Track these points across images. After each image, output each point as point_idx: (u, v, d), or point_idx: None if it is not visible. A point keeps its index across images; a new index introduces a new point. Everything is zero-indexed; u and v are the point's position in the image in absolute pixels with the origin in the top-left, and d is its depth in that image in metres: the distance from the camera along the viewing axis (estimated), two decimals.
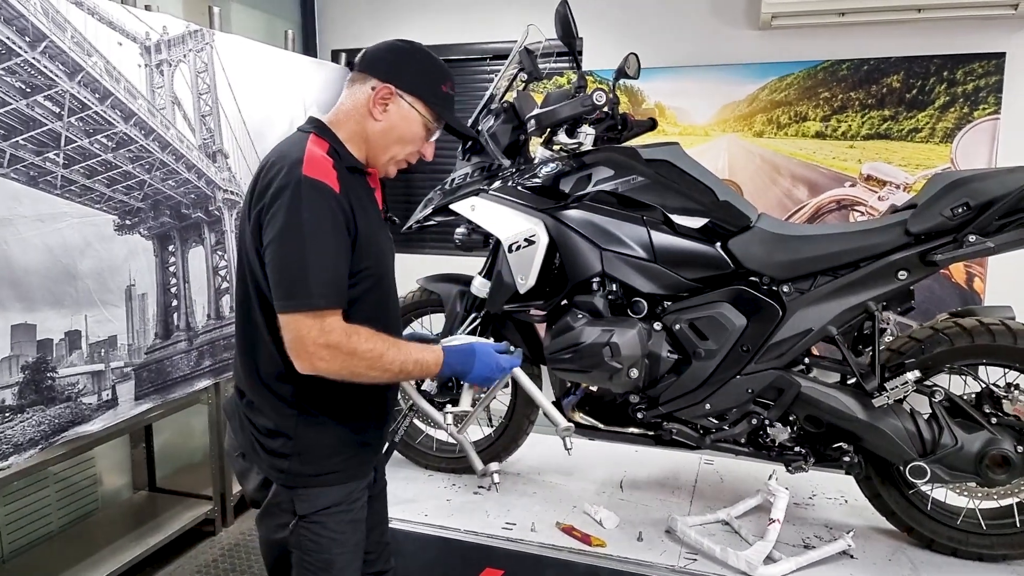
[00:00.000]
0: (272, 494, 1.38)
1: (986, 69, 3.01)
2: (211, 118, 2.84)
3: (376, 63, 1.40)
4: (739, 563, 1.85)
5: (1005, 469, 1.80)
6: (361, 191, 1.39)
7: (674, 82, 3.36)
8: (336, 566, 1.38)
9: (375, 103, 1.38)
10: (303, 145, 1.32)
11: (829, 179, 3.23)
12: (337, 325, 1.29)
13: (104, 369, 2.42)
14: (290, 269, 1.26)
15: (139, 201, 2.53)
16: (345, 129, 1.40)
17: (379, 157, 1.43)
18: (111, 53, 2.40)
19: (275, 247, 1.27)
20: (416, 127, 1.42)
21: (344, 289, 1.31)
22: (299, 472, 1.36)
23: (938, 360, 1.87)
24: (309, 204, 1.25)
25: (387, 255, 1.46)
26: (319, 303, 1.26)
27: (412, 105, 1.40)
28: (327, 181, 1.28)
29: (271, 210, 1.27)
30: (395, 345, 1.37)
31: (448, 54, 3.78)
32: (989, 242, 1.73)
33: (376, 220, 1.42)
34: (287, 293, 1.26)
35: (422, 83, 1.41)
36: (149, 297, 2.58)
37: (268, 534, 1.42)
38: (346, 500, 1.40)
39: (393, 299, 1.51)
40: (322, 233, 1.26)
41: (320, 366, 1.28)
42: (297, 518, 1.37)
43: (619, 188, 1.99)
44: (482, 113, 2.16)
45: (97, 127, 2.37)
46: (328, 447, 1.38)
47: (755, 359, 1.93)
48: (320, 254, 1.26)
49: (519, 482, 2.39)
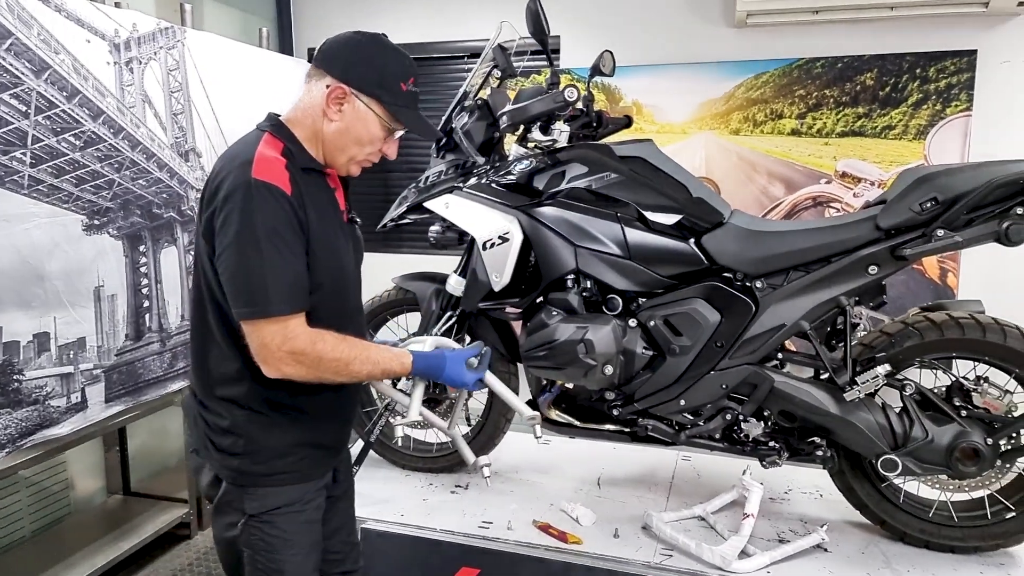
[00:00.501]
0: (222, 492, 1.37)
1: (958, 66, 3.05)
2: (183, 116, 2.80)
3: (331, 59, 1.36)
4: (714, 558, 1.86)
5: (975, 461, 1.82)
6: (318, 192, 1.37)
7: (651, 80, 3.37)
8: (288, 567, 1.36)
9: (329, 103, 1.34)
10: (255, 146, 1.29)
11: (805, 176, 3.25)
12: (301, 330, 1.28)
13: (73, 371, 2.37)
14: (247, 277, 1.24)
15: (108, 201, 2.49)
16: (302, 128, 1.37)
17: (336, 158, 1.40)
18: (79, 51, 2.36)
19: (230, 254, 1.24)
20: (373, 128, 1.38)
21: (305, 291, 1.30)
22: (249, 471, 1.35)
23: (909, 354, 1.88)
24: (261, 208, 1.23)
25: (345, 257, 1.43)
26: (280, 309, 1.25)
27: (368, 106, 1.36)
28: (278, 183, 1.25)
29: (222, 215, 1.25)
30: (363, 352, 1.36)
31: (425, 52, 3.76)
32: (957, 236, 1.75)
33: (334, 221, 1.40)
34: (246, 301, 1.25)
35: (378, 82, 1.36)
36: (119, 298, 2.54)
37: (220, 532, 1.40)
38: (299, 501, 1.39)
39: (353, 301, 1.49)
40: (277, 237, 1.24)
41: (287, 371, 1.28)
42: (247, 517, 1.35)
43: (593, 185, 1.98)
44: (455, 110, 2.15)
45: (65, 125, 2.32)
46: (279, 447, 1.37)
47: (729, 355, 1.94)
48: (276, 259, 1.24)
49: (497, 480, 2.38)
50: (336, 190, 1.45)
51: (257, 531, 1.35)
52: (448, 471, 2.41)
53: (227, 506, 1.38)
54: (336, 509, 1.61)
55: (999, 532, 1.91)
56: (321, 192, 1.38)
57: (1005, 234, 1.72)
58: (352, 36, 1.39)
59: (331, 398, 1.42)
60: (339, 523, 1.63)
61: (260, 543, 1.35)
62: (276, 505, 1.36)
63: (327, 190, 1.41)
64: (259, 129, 1.37)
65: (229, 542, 1.39)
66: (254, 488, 1.35)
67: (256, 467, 1.35)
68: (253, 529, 1.35)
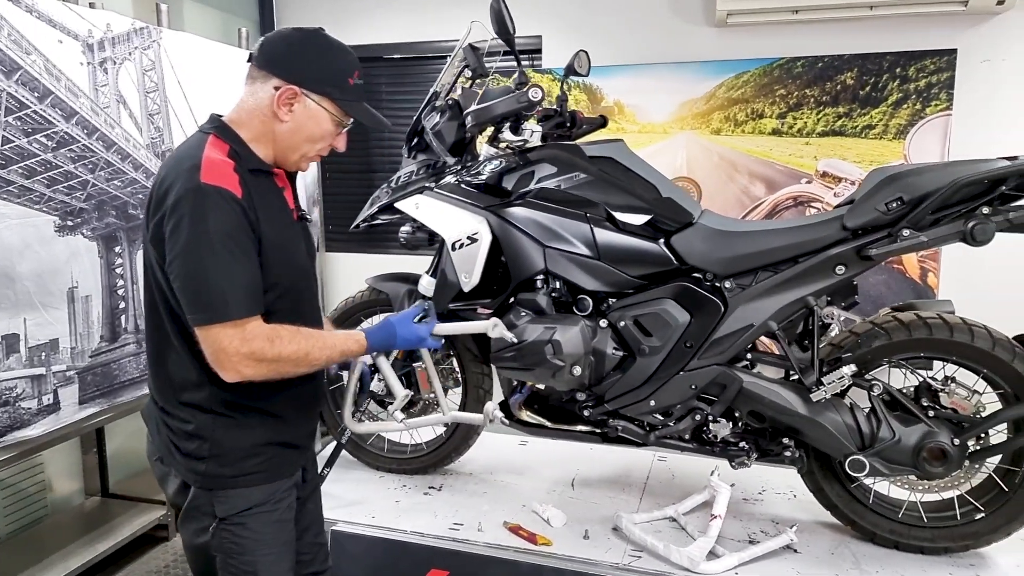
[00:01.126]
0: (191, 497, 1.36)
1: (938, 66, 3.04)
2: (159, 116, 2.79)
3: (276, 60, 1.35)
4: (681, 559, 1.85)
5: (942, 462, 1.81)
6: (267, 192, 1.36)
7: (633, 80, 3.36)
8: (261, 568, 1.36)
9: (279, 104, 1.33)
10: (201, 149, 1.28)
11: (786, 176, 3.25)
12: (258, 332, 1.28)
13: (45, 373, 2.37)
14: (201, 283, 1.23)
15: (82, 201, 2.48)
16: (249, 129, 1.36)
17: (288, 156, 1.40)
18: (51, 51, 2.35)
19: (182, 261, 1.23)
20: (325, 125, 1.39)
21: (259, 294, 1.30)
22: (217, 474, 1.34)
23: (877, 354, 1.88)
24: (212, 213, 1.22)
25: (299, 256, 1.43)
26: (238, 313, 1.25)
27: (319, 104, 1.36)
28: (228, 187, 1.25)
29: (172, 221, 1.24)
30: (319, 340, 1.37)
31: (409, 52, 3.75)
32: (922, 236, 1.74)
33: (285, 222, 1.39)
34: (202, 307, 1.24)
35: (328, 79, 1.36)
36: (94, 299, 2.53)
37: (190, 539, 1.39)
38: (269, 500, 1.38)
39: (309, 301, 1.48)
40: (230, 241, 1.23)
41: (247, 373, 1.28)
42: (217, 520, 1.35)
43: (562, 185, 1.98)
44: (425, 110, 2.14)
45: (36, 126, 2.32)
46: (246, 448, 1.36)
47: (698, 355, 1.93)
48: (231, 263, 1.23)
49: (470, 482, 2.37)
50: (284, 189, 1.44)
51: (228, 534, 1.35)
52: (422, 472, 2.41)
53: (196, 511, 1.37)
54: (304, 510, 1.61)
55: (969, 533, 1.91)
56: (270, 192, 1.37)
57: (970, 234, 1.71)
58: (292, 33, 1.39)
59: (294, 395, 1.42)
60: (307, 523, 1.62)
61: (233, 546, 1.35)
62: (247, 506, 1.35)
63: (275, 190, 1.40)
64: (202, 131, 1.36)
65: (199, 548, 1.38)
66: (223, 491, 1.35)
67: (224, 469, 1.34)
68: (224, 532, 1.35)
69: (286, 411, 1.42)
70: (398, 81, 3.83)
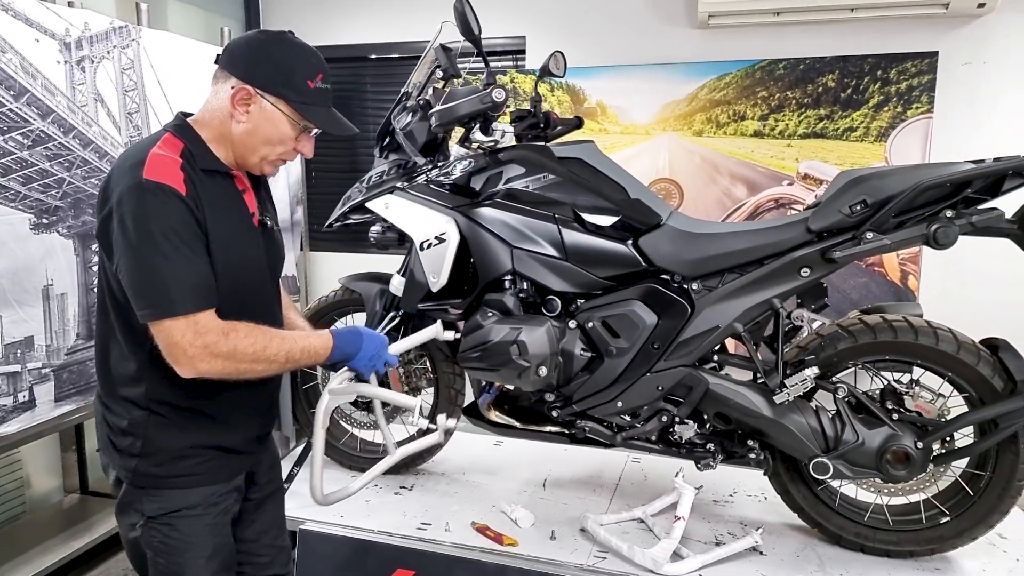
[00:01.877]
0: (123, 492, 1.37)
1: (919, 68, 3.04)
2: (138, 115, 2.80)
3: (235, 60, 1.35)
4: (645, 560, 1.85)
5: (905, 465, 1.81)
6: (221, 194, 1.35)
7: (615, 81, 3.36)
8: (189, 570, 1.36)
9: (235, 104, 1.33)
10: (150, 147, 1.28)
11: (767, 178, 3.25)
12: (211, 325, 1.27)
13: (20, 370, 2.37)
14: (148, 278, 1.23)
15: (57, 199, 2.49)
16: (209, 129, 1.36)
17: (247, 158, 1.39)
18: (27, 50, 2.36)
19: (128, 258, 1.23)
20: (283, 127, 1.36)
21: (210, 288, 1.29)
22: (147, 472, 1.34)
23: (842, 357, 1.88)
24: (154, 209, 1.22)
25: (251, 260, 1.41)
26: (186, 307, 1.24)
27: (275, 105, 1.35)
28: (170, 183, 1.24)
29: (116, 218, 1.24)
30: (278, 335, 1.36)
31: (394, 52, 3.76)
32: (886, 239, 1.74)
33: (239, 223, 1.38)
34: (150, 302, 1.24)
35: (284, 81, 1.34)
36: (69, 297, 2.54)
37: (124, 532, 1.40)
38: (202, 504, 1.37)
39: (260, 305, 1.45)
40: (174, 236, 1.23)
41: (203, 367, 1.26)
42: (146, 519, 1.35)
43: (530, 186, 1.98)
44: (396, 110, 2.14)
45: (12, 124, 2.32)
46: (179, 449, 1.36)
47: (665, 356, 1.94)
48: (176, 257, 1.23)
49: (442, 482, 2.38)
50: (245, 192, 1.43)
51: (157, 533, 1.35)
52: (394, 472, 2.41)
53: (128, 507, 1.37)
54: (262, 510, 1.60)
55: (934, 536, 1.91)
56: (225, 194, 1.37)
57: (933, 237, 1.71)
58: (256, 35, 1.38)
59: (237, 398, 1.40)
60: (264, 526, 1.61)
61: (161, 545, 1.35)
62: (175, 508, 1.35)
63: (233, 192, 1.40)
64: (163, 128, 1.36)
65: (132, 542, 1.38)
66: (155, 490, 1.35)
67: (154, 468, 1.34)
68: (153, 531, 1.35)
69: (226, 414, 1.41)
70: (383, 81, 3.84)
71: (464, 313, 2.10)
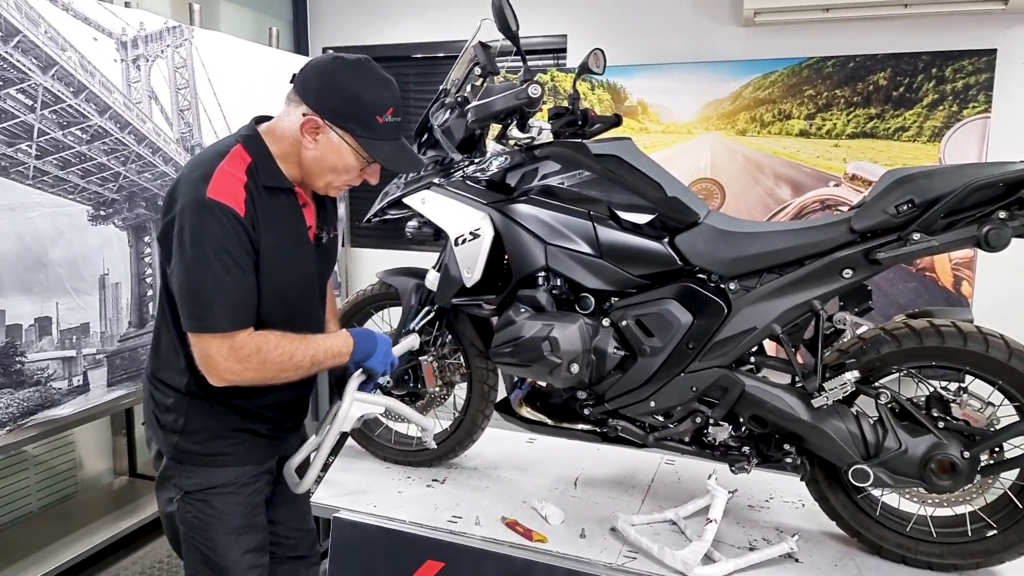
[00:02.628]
0: (163, 466, 1.43)
1: (976, 66, 2.93)
2: (189, 112, 2.90)
3: (308, 87, 1.36)
4: (675, 562, 1.83)
5: (951, 475, 1.74)
6: (280, 211, 1.39)
7: (657, 79, 3.33)
8: (221, 546, 1.41)
9: (304, 132, 1.36)
10: (219, 159, 1.32)
11: (813, 178, 3.17)
12: (246, 343, 1.32)
13: (76, 355, 2.48)
14: (195, 293, 1.28)
15: (114, 192, 2.60)
16: (279, 146, 1.39)
17: (314, 181, 1.43)
18: (86, 48, 2.47)
19: (180, 269, 1.29)
20: (348, 159, 1.39)
21: (252, 308, 1.34)
22: (186, 449, 1.41)
23: (885, 361, 1.82)
24: (212, 227, 1.26)
25: (301, 272, 1.45)
26: (225, 325, 1.29)
27: (342, 137, 1.36)
28: (230, 203, 1.28)
29: (176, 226, 1.29)
30: (303, 341, 1.39)
31: (437, 51, 3.80)
32: (934, 241, 1.68)
33: (294, 238, 1.42)
34: (194, 315, 1.30)
35: (352, 115, 1.35)
36: (123, 286, 2.65)
37: (162, 506, 1.46)
38: (235, 483, 1.43)
39: (300, 315, 1.49)
40: (225, 255, 1.27)
41: (231, 379, 1.32)
42: (183, 493, 1.41)
43: (565, 183, 1.98)
44: (434, 107, 2.17)
45: (71, 120, 2.43)
46: (215, 431, 1.42)
47: (700, 357, 1.91)
48: (225, 277, 1.28)
49: (474, 476, 2.39)
50: (305, 207, 1.47)
51: (192, 508, 1.40)
52: (427, 465, 2.43)
53: (167, 481, 1.44)
54: (287, 495, 1.65)
55: (979, 550, 1.83)
56: (284, 211, 1.40)
57: (984, 239, 1.64)
58: (330, 63, 1.38)
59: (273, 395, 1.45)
60: (292, 510, 1.67)
61: (195, 521, 1.40)
62: (211, 484, 1.41)
63: (292, 207, 1.43)
64: (236, 136, 1.40)
65: (169, 516, 1.44)
66: (192, 466, 1.41)
67: (193, 446, 1.40)
68: (188, 506, 1.40)
69: (259, 405, 1.47)
70: (426, 80, 3.88)
71: (497, 309, 2.11)
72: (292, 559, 1.66)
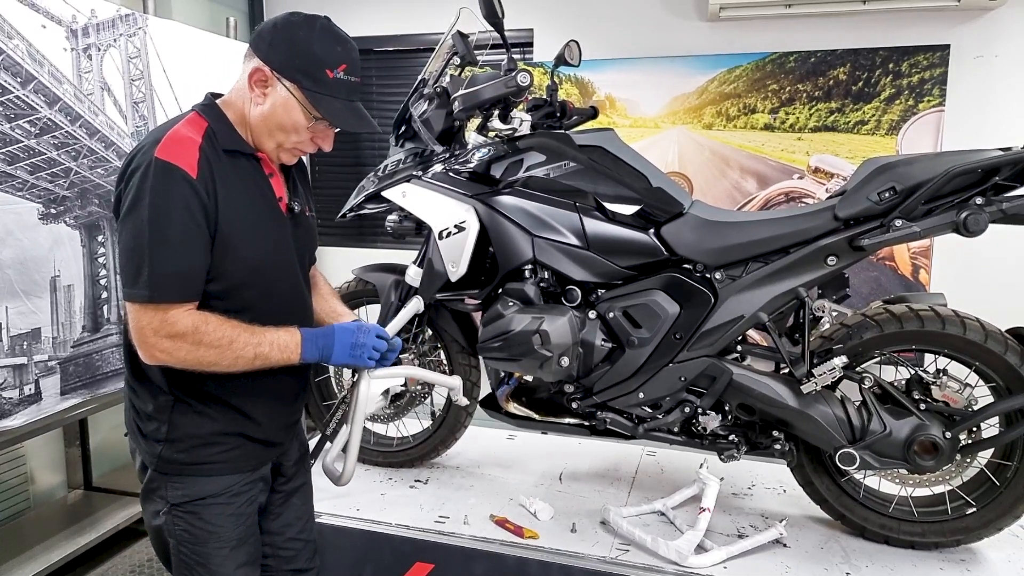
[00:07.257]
0: (147, 478, 1.34)
1: (931, 61, 3.03)
2: (144, 105, 2.76)
3: (260, 39, 1.30)
4: (669, 553, 1.83)
5: (933, 455, 1.79)
6: (243, 176, 1.31)
7: (624, 73, 3.34)
8: (213, 561, 1.32)
9: (252, 85, 1.29)
10: (172, 125, 1.25)
11: (778, 171, 3.23)
12: (182, 317, 1.22)
13: (26, 362, 2.33)
14: (132, 257, 1.19)
15: (65, 189, 2.45)
16: (234, 110, 1.33)
17: (263, 143, 1.34)
18: (34, 36, 2.31)
19: (121, 232, 1.21)
20: (295, 115, 1.29)
21: (194, 281, 1.23)
22: (172, 459, 1.31)
23: (868, 346, 1.86)
24: (155, 188, 1.18)
25: (274, 246, 1.36)
26: (160, 296, 1.19)
27: (289, 91, 1.28)
28: (181, 164, 1.20)
29: (126, 193, 1.21)
30: (248, 330, 1.28)
31: (400, 45, 3.73)
32: (915, 227, 1.72)
33: (263, 208, 1.34)
34: (128, 281, 1.21)
35: (301, 66, 1.27)
36: (76, 289, 2.50)
37: (148, 520, 1.37)
38: (226, 492, 1.34)
39: (285, 293, 1.40)
40: (165, 220, 1.18)
41: (161, 357, 1.22)
42: (169, 506, 1.31)
43: (551, 174, 1.95)
44: (413, 97, 2.11)
45: (19, 112, 2.28)
46: (204, 436, 1.32)
47: (687, 347, 1.91)
48: (162, 244, 1.18)
49: (457, 475, 2.34)
50: (272, 176, 1.38)
51: (181, 521, 1.31)
52: (408, 465, 2.38)
53: (152, 493, 1.34)
54: (289, 503, 1.57)
55: (959, 528, 1.89)
56: (248, 177, 1.32)
57: (963, 224, 1.69)
58: (286, 16, 1.32)
59: (261, 388, 1.36)
60: (290, 519, 1.58)
61: (184, 534, 1.31)
62: (199, 495, 1.32)
63: (258, 176, 1.35)
64: (191, 108, 1.33)
65: (156, 530, 1.35)
66: (179, 477, 1.32)
67: (178, 455, 1.31)
68: (177, 519, 1.31)
69: (250, 403, 1.36)
70: (386, 75, 3.80)
71: (482, 303, 2.07)
72: (290, 572, 1.57)
